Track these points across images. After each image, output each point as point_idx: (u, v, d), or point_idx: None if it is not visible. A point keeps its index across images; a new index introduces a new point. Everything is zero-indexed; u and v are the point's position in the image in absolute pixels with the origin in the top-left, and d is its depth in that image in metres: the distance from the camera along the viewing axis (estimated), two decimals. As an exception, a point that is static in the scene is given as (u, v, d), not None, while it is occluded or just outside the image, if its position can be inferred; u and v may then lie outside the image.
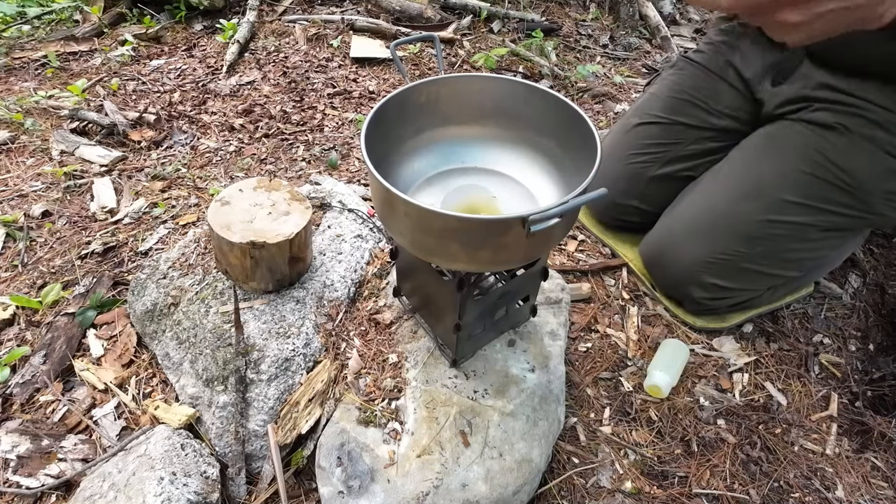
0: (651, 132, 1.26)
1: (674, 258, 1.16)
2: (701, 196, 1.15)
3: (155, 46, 2.06)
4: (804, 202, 1.02)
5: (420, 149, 0.92)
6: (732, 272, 1.10)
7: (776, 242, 1.06)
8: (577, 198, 0.63)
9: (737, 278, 1.11)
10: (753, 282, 1.13)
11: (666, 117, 1.25)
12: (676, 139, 1.23)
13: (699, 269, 1.12)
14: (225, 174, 1.52)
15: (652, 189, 1.26)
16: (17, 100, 1.69)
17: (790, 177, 1.03)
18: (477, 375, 0.95)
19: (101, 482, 0.84)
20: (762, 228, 1.05)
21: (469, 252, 0.70)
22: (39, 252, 1.27)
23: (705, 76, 1.23)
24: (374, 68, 2.03)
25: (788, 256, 1.08)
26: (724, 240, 1.08)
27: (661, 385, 1.06)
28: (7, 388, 1.02)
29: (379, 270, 1.14)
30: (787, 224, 1.04)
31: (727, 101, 1.20)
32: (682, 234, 1.15)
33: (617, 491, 0.96)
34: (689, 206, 1.17)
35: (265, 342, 0.96)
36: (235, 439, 0.90)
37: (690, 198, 1.18)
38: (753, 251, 1.07)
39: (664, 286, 1.24)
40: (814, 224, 1.04)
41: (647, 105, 1.30)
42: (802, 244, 1.06)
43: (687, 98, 1.24)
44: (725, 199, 1.10)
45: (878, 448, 1.05)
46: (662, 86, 1.30)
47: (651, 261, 1.24)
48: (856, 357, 1.21)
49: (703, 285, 1.13)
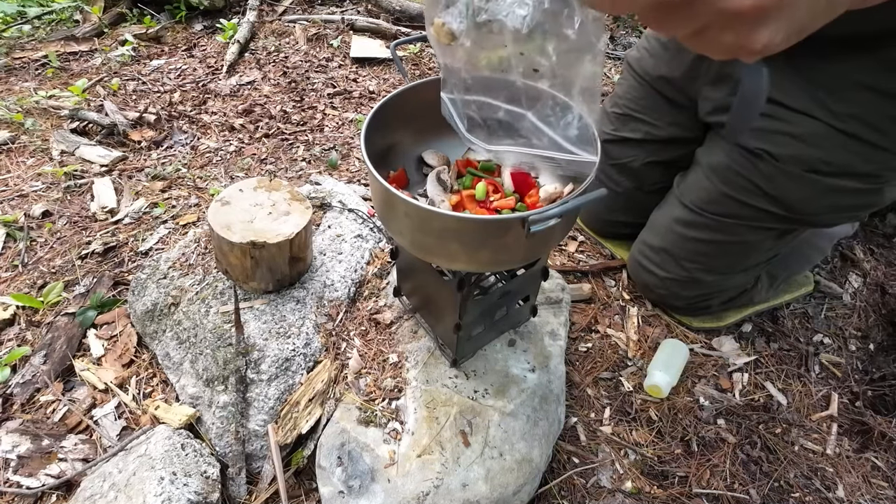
0: (609, 151, 1.23)
1: (647, 278, 1.19)
2: (659, 217, 1.17)
3: (155, 46, 2.06)
4: (740, 223, 1.01)
5: (420, 149, 0.92)
6: (698, 284, 1.13)
7: (725, 258, 1.08)
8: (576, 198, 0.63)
9: (705, 287, 1.13)
10: (722, 286, 1.14)
11: (613, 135, 1.23)
12: (631, 156, 1.22)
13: (669, 285, 1.15)
14: (225, 174, 1.52)
15: (633, 203, 1.26)
16: (18, 100, 1.69)
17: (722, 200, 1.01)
18: (477, 375, 0.95)
19: (101, 482, 0.84)
20: (706, 246, 1.07)
21: (469, 252, 0.70)
22: (40, 252, 1.27)
23: (640, 86, 1.17)
24: (374, 68, 2.03)
25: (746, 263, 1.10)
26: (680, 259, 1.11)
27: (661, 385, 1.06)
28: (7, 388, 1.02)
29: (379, 270, 1.14)
30: (730, 243, 1.05)
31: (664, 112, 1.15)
32: (649, 255, 1.17)
33: (617, 491, 0.96)
34: (650, 228, 1.19)
35: (265, 342, 0.96)
36: (236, 439, 0.90)
37: (652, 219, 1.19)
38: (708, 265, 1.09)
39: (648, 299, 1.28)
40: (756, 238, 1.03)
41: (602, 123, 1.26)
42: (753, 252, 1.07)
43: (628, 112, 1.20)
44: (672, 220, 1.11)
45: (879, 448, 1.05)
46: (610, 99, 1.27)
47: (633, 277, 1.27)
48: (856, 357, 1.21)
49: (678, 297, 1.17)
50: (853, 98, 0.85)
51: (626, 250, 1.35)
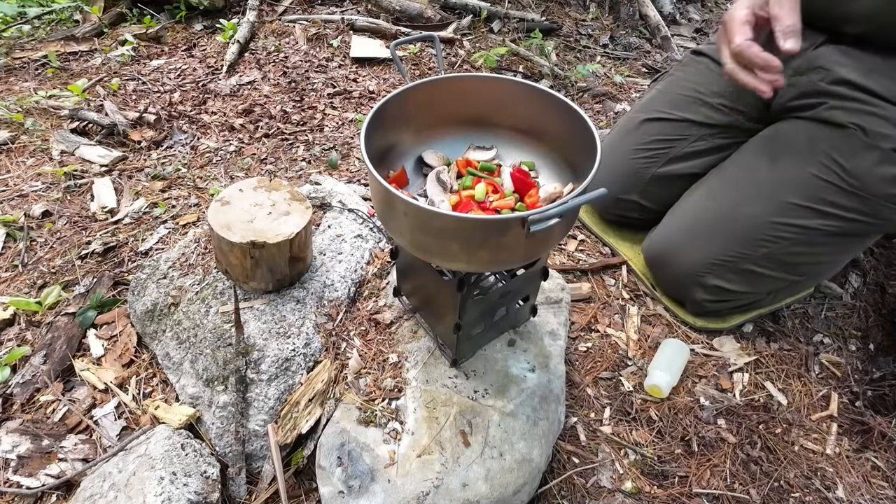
0: (656, 129, 1.24)
1: (676, 259, 1.15)
2: (705, 196, 1.15)
3: (155, 46, 2.07)
4: (809, 205, 1.00)
5: (420, 148, 0.92)
6: (735, 274, 1.09)
7: (779, 245, 1.05)
8: (576, 198, 0.63)
9: (739, 281, 1.10)
10: (756, 284, 1.12)
11: (671, 113, 1.23)
12: (681, 135, 1.22)
13: (702, 270, 1.11)
14: (225, 174, 1.52)
15: (654, 186, 1.25)
16: (18, 100, 1.69)
17: (796, 179, 1.01)
18: (477, 375, 0.95)
19: (101, 482, 0.84)
20: (766, 231, 1.04)
21: (468, 252, 0.70)
22: (39, 252, 1.27)
23: (712, 71, 1.20)
24: (374, 68, 2.03)
25: (792, 260, 1.07)
26: (727, 242, 1.08)
27: (661, 385, 1.06)
28: (7, 388, 1.02)
29: (379, 270, 1.14)
30: (792, 227, 1.03)
31: (735, 96, 1.16)
32: (685, 234, 1.14)
33: (617, 491, 0.96)
34: (692, 205, 1.16)
35: (265, 342, 0.96)
36: (236, 439, 0.90)
37: (695, 197, 1.17)
38: (756, 254, 1.06)
39: (666, 286, 1.23)
40: (818, 228, 1.02)
41: (653, 101, 1.29)
42: (806, 248, 1.05)
43: (692, 94, 1.22)
44: (729, 200, 1.09)
45: (879, 448, 1.05)
46: (669, 82, 1.29)
47: (653, 260, 1.23)
48: (856, 357, 1.21)
49: (706, 287, 1.12)
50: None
51: (627, 246, 1.34)
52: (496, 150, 0.93)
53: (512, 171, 0.87)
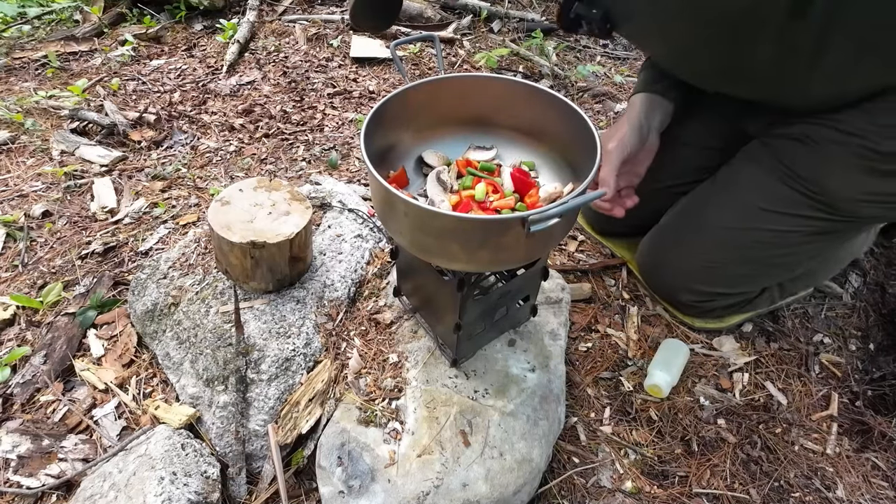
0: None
1: (664, 269, 1.18)
2: (689, 207, 1.16)
3: (155, 46, 2.07)
4: (778, 210, 1.02)
5: (420, 148, 0.92)
6: (720, 279, 1.12)
7: (759, 249, 1.07)
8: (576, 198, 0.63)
9: (725, 284, 1.13)
10: (742, 285, 1.14)
11: None
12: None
13: (688, 278, 1.14)
14: (225, 174, 1.52)
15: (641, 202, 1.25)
16: (18, 100, 1.69)
17: (763, 187, 1.03)
18: (477, 375, 0.95)
19: (101, 482, 0.84)
20: (743, 236, 1.06)
21: (469, 252, 0.70)
22: (40, 252, 1.27)
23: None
24: (374, 68, 2.03)
25: (774, 261, 1.09)
26: (710, 249, 1.10)
27: (661, 385, 1.06)
28: (7, 388, 1.02)
29: (379, 270, 1.14)
30: (765, 231, 1.04)
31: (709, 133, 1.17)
32: (671, 244, 1.17)
33: (617, 490, 0.96)
34: (678, 216, 1.18)
35: (265, 342, 0.96)
36: (236, 439, 0.90)
37: (680, 208, 1.19)
38: (738, 257, 1.09)
39: (657, 293, 1.26)
40: (793, 230, 1.03)
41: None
42: (786, 249, 1.06)
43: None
44: (709, 209, 1.11)
45: (879, 447, 1.05)
46: None
47: (644, 270, 1.26)
48: (856, 356, 1.21)
49: (693, 291, 1.15)
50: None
51: (626, 249, 1.35)
52: (496, 150, 0.93)
53: (512, 171, 0.87)
